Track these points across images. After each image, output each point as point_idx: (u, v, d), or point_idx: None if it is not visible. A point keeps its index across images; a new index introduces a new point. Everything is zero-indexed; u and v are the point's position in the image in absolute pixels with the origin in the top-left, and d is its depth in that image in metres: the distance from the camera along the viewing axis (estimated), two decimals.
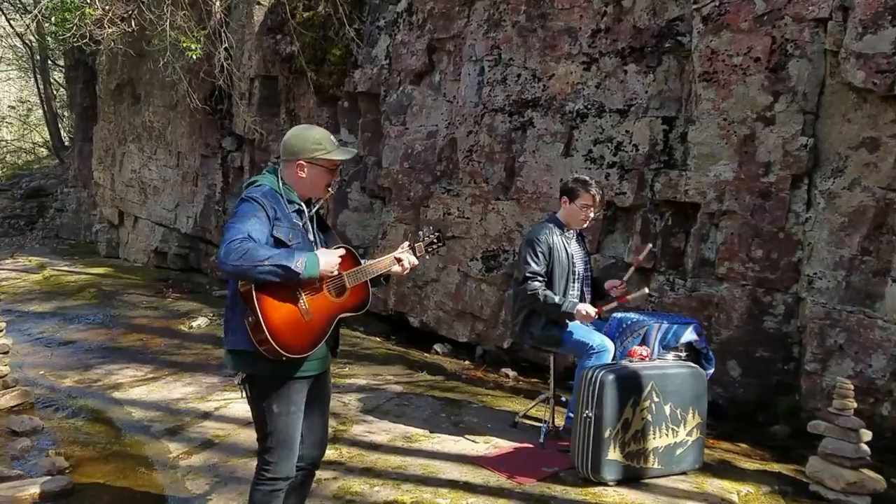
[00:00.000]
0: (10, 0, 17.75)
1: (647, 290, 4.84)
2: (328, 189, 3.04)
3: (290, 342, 2.75)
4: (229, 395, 5.64)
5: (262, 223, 2.77)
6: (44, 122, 21.80)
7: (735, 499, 3.89)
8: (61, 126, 21.11)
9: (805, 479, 4.21)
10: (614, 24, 6.19)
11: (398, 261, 3.12)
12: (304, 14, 8.63)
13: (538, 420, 4.97)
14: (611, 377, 3.82)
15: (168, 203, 11.91)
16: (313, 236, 3.01)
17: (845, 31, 5.02)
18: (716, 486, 4.02)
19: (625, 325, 4.47)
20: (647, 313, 4.68)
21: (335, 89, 8.45)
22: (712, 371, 4.43)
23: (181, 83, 9.59)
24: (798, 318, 5.39)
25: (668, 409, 3.94)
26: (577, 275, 4.69)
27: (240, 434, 4.79)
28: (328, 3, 8.21)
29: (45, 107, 20.18)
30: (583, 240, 4.93)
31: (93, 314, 8.79)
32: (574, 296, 4.68)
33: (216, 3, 8.99)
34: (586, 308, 4.43)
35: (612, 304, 4.67)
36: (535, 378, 6.54)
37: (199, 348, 7.18)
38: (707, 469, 4.22)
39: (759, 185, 5.41)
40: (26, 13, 15.35)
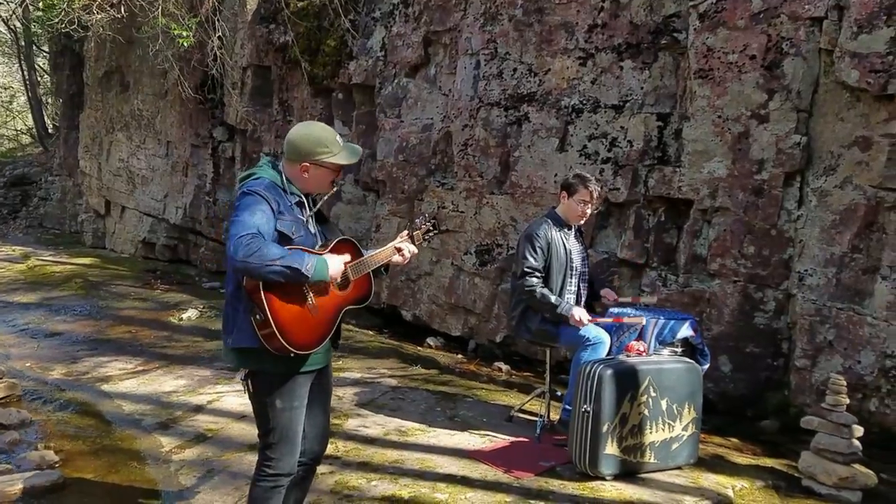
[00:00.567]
0: None
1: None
2: (332, 185, 3.03)
3: (299, 338, 2.74)
4: (221, 388, 5.62)
5: (267, 217, 2.75)
6: (27, 109, 21.55)
7: (730, 494, 3.92)
8: (45, 113, 20.86)
9: (797, 474, 4.25)
10: (611, 20, 6.20)
11: (398, 250, 3.11)
12: (299, 3, 8.58)
13: (533, 414, 4.98)
14: (609, 372, 3.84)
15: (157, 193, 11.82)
16: (314, 229, 3.00)
17: (840, 30, 5.05)
18: (711, 480, 4.05)
19: (617, 317, 4.48)
20: (643, 309, 4.69)
21: (329, 80, 8.41)
22: (707, 366, 4.46)
23: (172, 71, 9.50)
24: (788, 314, 5.44)
25: (664, 403, 3.97)
26: (575, 270, 4.70)
27: (233, 428, 4.76)
28: None
29: (29, 93, 19.94)
30: (581, 235, 4.94)
31: (79, 305, 8.70)
32: (571, 291, 4.69)
33: None
34: (580, 314, 4.43)
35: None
36: (528, 372, 6.56)
37: (190, 341, 7.14)
38: (702, 464, 4.25)
39: (753, 182, 5.45)
40: None
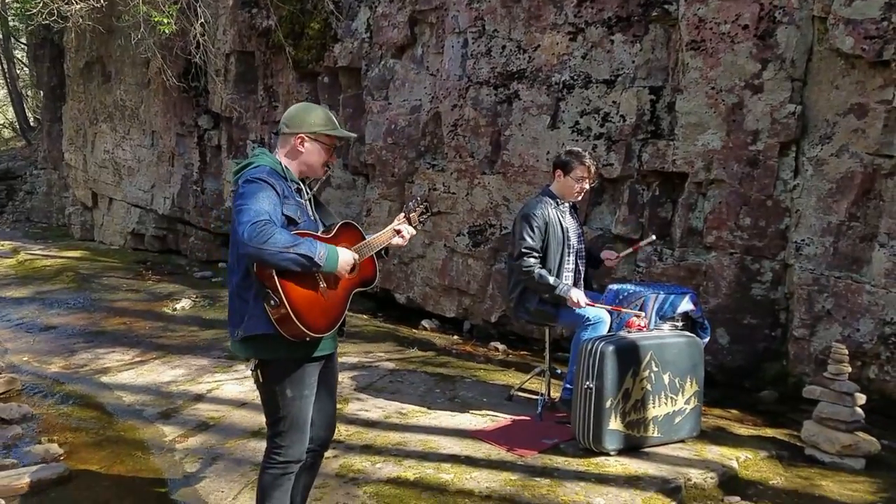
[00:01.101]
0: None
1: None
2: (325, 168, 3.03)
3: (313, 322, 2.74)
4: (220, 376, 5.59)
5: (274, 203, 2.73)
6: (8, 103, 21.29)
7: (735, 465, 3.93)
8: (26, 106, 20.63)
9: (800, 444, 4.27)
10: None
11: (397, 232, 3.12)
12: None
13: (533, 393, 4.98)
14: (611, 348, 3.83)
15: (144, 184, 11.71)
16: (312, 213, 2.99)
17: None
18: (715, 452, 4.05)
19: (622, 297, 4.47)
20: (643, 284, 4.69)
21: (314, 64, 8.32)
22: (707, 339, 4.45)
23: (154, 60, 9.38)
24: (785, 284, 5.44)
25: (666, 378, 3.96)
26: (572, 248, 4.67)
27: (234, 415, 4.74)
28: None
29: (9, 87, 19.70)
30: (576, 212, 4.91)
31: (72, 298, 8.64)
32: (569, 269, 4.66)
33: None
34: (578, 296, 4.42)
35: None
36: (524, 351, 6.56)
37: (186, 330, 7.09)
38: (704, 436, 4.26)
39: (747, 153, 5.43)
40: None
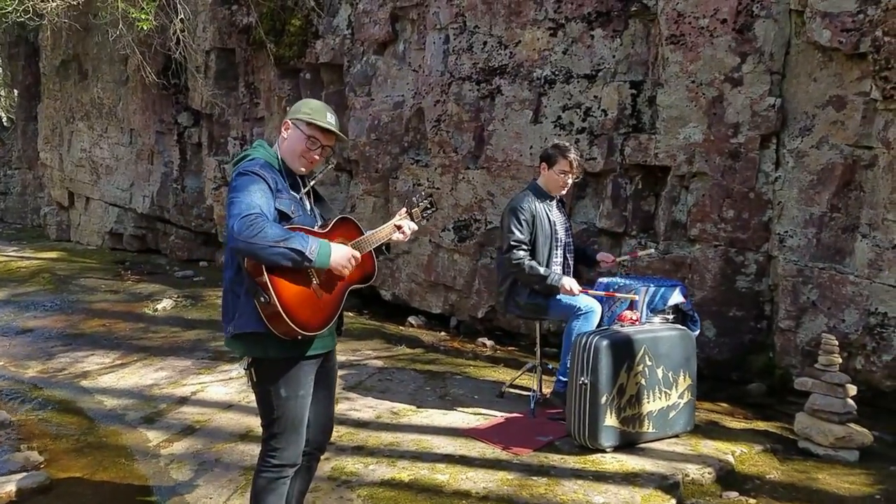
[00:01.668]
0: None
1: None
2: (304, 160, 2.86)
3: (305, 319, 2.67)
4: (205, 378, 5.52)
5: (266, 196, 2.67)
6: None
7: (731, 459, 3.94)
8: (0, 106, 20.29)
9: (792, 436, 4.28)
10: None
11: (398, 228, 3.05)
12: None
13: (524, 389, 4.97)
14: (605, 343, 3.81)
15: (122, 182, 11.56)
16: (310, 208, 2.93)
17: None
18: (710, 447, 4.06)
19: (612, 290, 4.46)
20: (632, 277, 4.69)
21: (296, 61, 8.24)
22: (698, 332, 4.47)
23: (132, 57, 9.25)
24: (769, 276, 5.47)
25: (660, 372, 3.97)
26: (560, 241, 4.67)
27: (221, 418, 4.68)
28: None
29: None
30: (563, 206, 4.91)
31: (49, 300, 8.49)
32: (557, 262, 4.66)
33: None
34: (571, 283, 4.41)
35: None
36: (512, 346, 6.55)
37: (167, 331, 7.01)
38: (698, 431, 4.27)
39: (729, 146, 5.45)
40: None
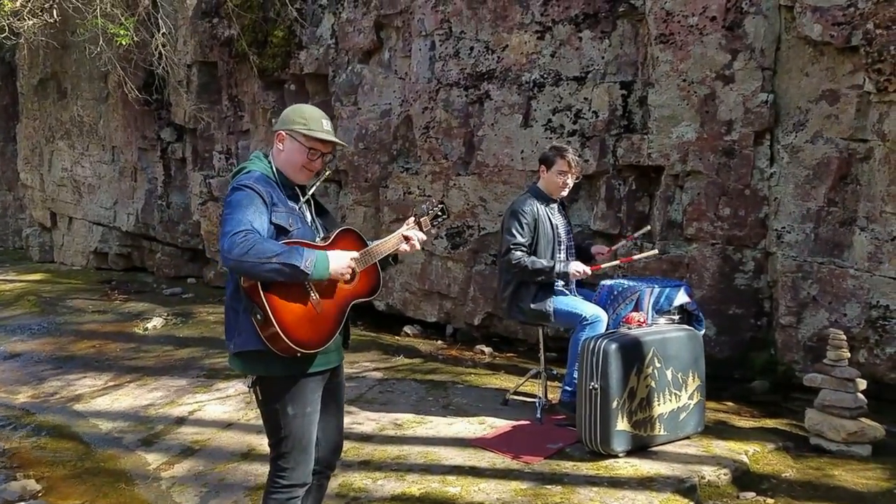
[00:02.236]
0: None
1: (656, 251, 4.99)
2: (306, 171, 2.79)
3: (304, 336, 2.58)
4: (201, 397, 5.42)
5: (260, 212, 2.59)
6: None
7: (745, 459, 3.89)
8: None
9: (803, 433, 4.25)
10: None
11: (406, 239, 2.96)
12: None
13: (528, 395, 4.91)
14: (614, 346, 3.76)
15: (105, 201, 11.41)
16: (312, 221, 2.85)
17: None
18: (723, 447, 4.02)
19: (616, 292, 4.42)
20: (636, 278, 4.64)
21: (280, 72, 8.16)
22: (703, 331, 4.42)
23: (112, 74, 9.12)
24: (768, 273, 5.45)
25: (669, 374, 3.92)
26: (562, 244, 4.63)
27: (221, 437, 4.59)
28: None
29: None
30: (564, 208, 4.87)
31: (36, 323, 8.34)
32: None
33: None
34: (580, 267, 4.36)
35: (615, 262, 4.79)
36: (510, 353, 6.50)
37: (160, 350, 6.89)
38: (708, 431, 4.22)
39: (723, 143, 5.43)
40: None
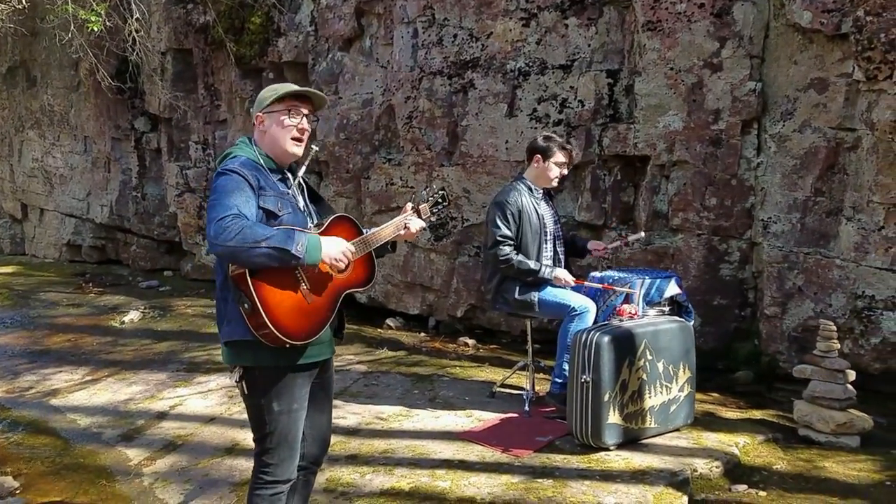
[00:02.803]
0: None
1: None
2: (294, 141, 2.67)
3: (293, 327, 2.49)
4: (182, 391, 5.31)
5: (248, 196, 2.50)
6: None
7: (736, 451, 3.87)
8: None
9: (791, 424, 4.24)
10: None
11: (404, 227, 2.88)
12: None
13: (515, 388, 4.85)
14: (606, 338, 3.70)
15: (78, 192, 11.18)
16: (304, 206, 2.74)
17: None
18: (713, 440, 3.99)
19: (608, 283, 4.36)
20: (626, 270, 4.59)
21: (258, 60, 8.00)
22: (693, 322, 4.39)
23: (83, 62, 8.90)
24: (753, 263, 5.43)
25: (661, 366, 3.87)
26: (549, 234, 4.57)
27: (204, 432, 4.48)
28: None
29: None
30: (551, 199, 4.80)
31: (9, 317, 8.15)
32: (548, 256, 4.55)
33: None
34: (565, 275, 4.31)
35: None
36: (494, 345, 6.44)
37: (137, 344, 6.75)
38: (697, 423, 4.19)
39: (710, 132, 5.40)
40: None
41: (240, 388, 2.65)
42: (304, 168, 2.82)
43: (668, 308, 4.25)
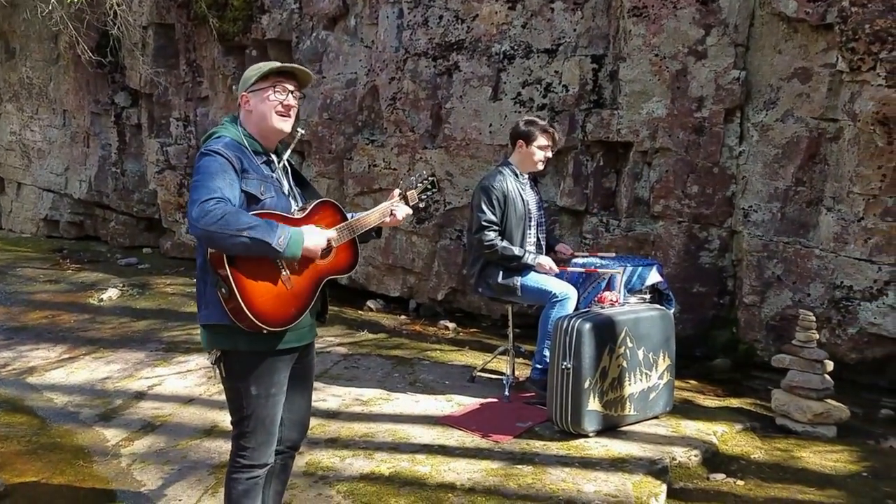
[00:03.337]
0: None
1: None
2: (282, 117, 2.61)
3: (270, 313, 2.46)
4: (161, 370, 5.27)
5: (230, 178, 2.46)
6: None
7: (714, 440, 3.90)
8: None
9: (769, 413, 4.28)
10: None
11: (390, 213, 2.85)
12: None
13: (495, 373, 4.86)
14: (587, 326, 3.71)
15: (56, 167, 11.02)
16: (289, 189, 2.71)
17: None
18: (692, 428, 4.02)
19: (589, 268, 4.37)
20: (608, 257, 4.60)
21: (241, 37, 7.88)
22: (673, 310, 4.41)
23: (64, 33, 8.73)
24: (732, 251, 5.47)
25: (641, 353, 3.90)
26: (533, 220, 4.56)
27: (183, 413, 4.46)
28: None
29: None
30: (536, 184, 4.79)
31: None
32: (531, 241, 4.55)
33: None
34: (549, 262, 4.31)
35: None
36: (474, 328, 6.45)
37: (116, 322, 6.69)
38: (675, 411, 4.22)
39: (693, 120, 5.42)
40: None
41: (217, 371, 2.63)
42: (290, 151, 2.79)
43: (648, 296, 4.27)
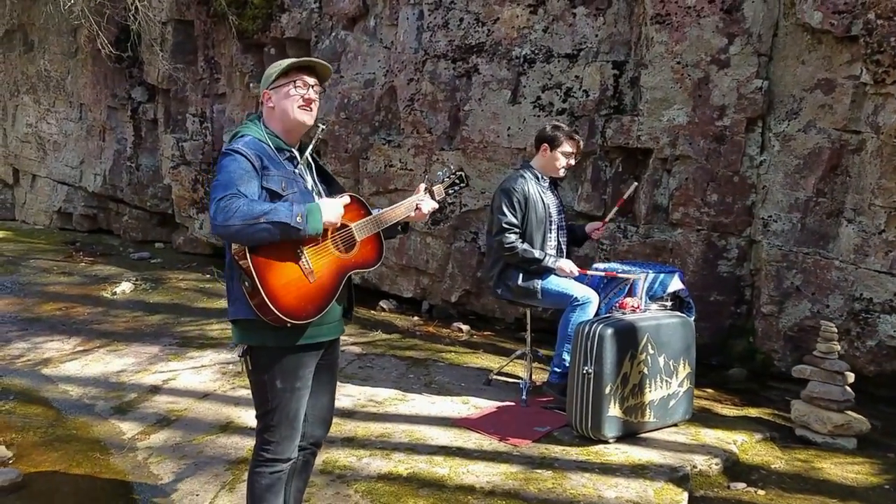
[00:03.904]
0: None
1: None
2: (304, 111, 2.60)
3: (294, 306, 2.46)
4: (175, 365, 5.28)
5: (250, 176, 2.47)
6: None
7: (735, 449, 3.87)
8: None
9: (788, 423, 4.25)
10: None
11: (416, 208, 2.84)
12: None
13: (511, 376, 4.85)
14: (609, 331, 3.70)
15: (71, 160, 11.06)
16: (313, 185, 2.70)
17: None
18: (711, 436, 3.99)
19: (609, 277, 4.35)
20: (629, 263, 4.59)
21: (260, 35, 7.90)
22: (693, 318, 4.39)
23: (84, 27, 8.77)
24: (751, 261, 5.45)
25: (661, 360, 3.88)
26: (554, 224, 4.55)
27: (198, 408, 4.46)
28: None
29: None
30: (555, 188, 4.78)
31: None
32: (552, 245, 4.54)
33: None
34: (570, 265, 4.30)
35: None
36: (488, 331, 6.44)
37: (129, 315, 6.70)
38: (694, 419, 4.20)
39: (714, 128, 5.39)
40: None
41: (244, 364, 2.63)
42: (312, 147, 2.79)
43: (669, 303, 4.25)
